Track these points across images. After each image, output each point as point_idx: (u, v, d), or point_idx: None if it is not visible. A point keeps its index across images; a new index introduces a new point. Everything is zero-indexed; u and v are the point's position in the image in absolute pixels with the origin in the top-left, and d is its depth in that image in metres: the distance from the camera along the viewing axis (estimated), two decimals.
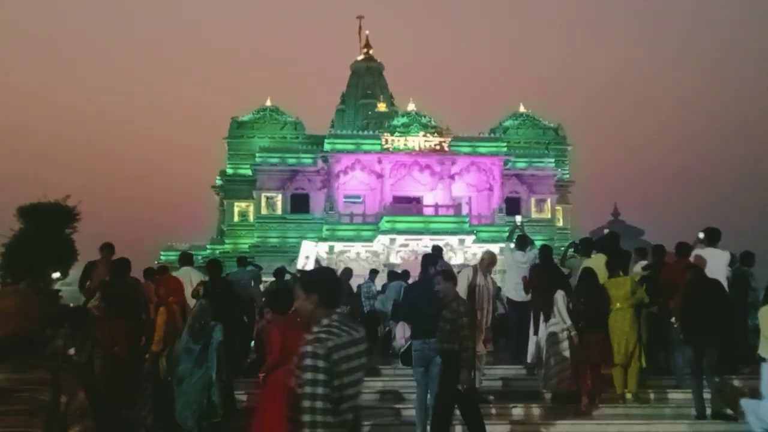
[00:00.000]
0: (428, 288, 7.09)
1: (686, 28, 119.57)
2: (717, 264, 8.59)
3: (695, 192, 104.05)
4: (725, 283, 8.53)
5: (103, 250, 9.04)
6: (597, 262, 8.80)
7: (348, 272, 13.18)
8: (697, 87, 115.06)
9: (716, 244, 8.88)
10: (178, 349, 6.46)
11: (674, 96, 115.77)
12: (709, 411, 7.46)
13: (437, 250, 9.59)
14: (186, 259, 9.97)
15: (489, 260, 8.23)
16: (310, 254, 9.59)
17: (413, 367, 7.09)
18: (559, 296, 8.04)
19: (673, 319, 8.27)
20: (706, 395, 7.49)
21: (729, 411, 7.83)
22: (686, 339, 7.83)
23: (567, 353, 7.87)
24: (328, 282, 3.25)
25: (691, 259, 8.55)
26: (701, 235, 8.98)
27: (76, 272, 20.47)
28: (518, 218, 12.13)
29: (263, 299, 10.27)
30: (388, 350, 11.09)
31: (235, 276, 11.36)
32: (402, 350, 9.73)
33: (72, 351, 6.16)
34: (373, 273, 14.00)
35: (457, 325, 6.36)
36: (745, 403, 2.79)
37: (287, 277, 12.41)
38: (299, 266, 8.90)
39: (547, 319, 8.13)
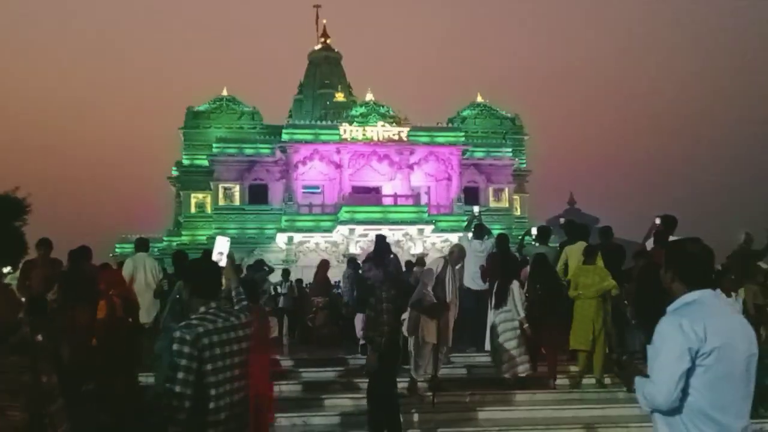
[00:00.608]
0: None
1: (641, 18, 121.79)
2: None
3: (649, 179, 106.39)
4: None
5: (39, 247, 8.55)
6: (579, 249, 8.96)
7: (325, 264, 13.20)
8: (652, 76, 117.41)
9: (673, 231, 9.06)
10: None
11: (629, 85, 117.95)
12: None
13: (381, 240, 9.56)
14: (142, 244, 9.84)
15: (458, 253, 8.35)
16: (223, 250, 9.83)
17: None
18: (515, 286, 8.15)
19: (626, 302, 8.47)
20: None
21: None
22: (638, 324, 8.02)
23: (517, 341, 7.97)
24: (202, 273, 3.47)
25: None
26: (657, 221, 9.12)
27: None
28: (476, 209, 12.29)
29: None
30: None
31: None
32: (362, 341, 9.79)
33: (40, 338, 6.16)
34: (351, 262, 13.77)
35: (377, 311, 6.46)
36: (637, 381, 2.92)
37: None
38: (216, 259, 9.03)
39: (497, 307, 8.20)
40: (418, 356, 7.75)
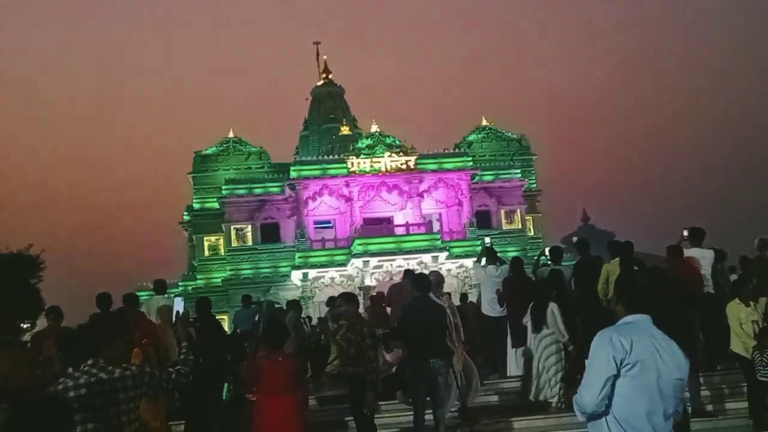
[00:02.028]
0: (432, 309, 7.15)
1: (644, 33, 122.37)
2: (702, 263, 8.74)
3: (662, 190, 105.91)
4: (710, 282, 8.70)
5: (49, 316, 8.24)
6: (614, 266, 8.88)
7: (380, 297, 12.25)
8: (658, 86, 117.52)
9: (700, 243, 9.01)
10: None
11: (635, 96, 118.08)
12: (689, 410, 7.51)
13: (410, 273, 9.48)
14: (160, 287, 9.93)
15: (436, 280, 8.15)
16: (179, 308, 10.15)
17: (414, 389, 7.04)
18: (555, 308, 8.05)
19: None
20: (686, 394, 7.56)
21: (709, 408, 7.90)
22: None
23: (561, 365, 7.89)
24: (82, 333, 3.92)
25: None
26: (685, 233, 9.08)
27: (43, 321, 19.94)
28: (487, 239, 12.38)
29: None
30: None
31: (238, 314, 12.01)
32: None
33: (71, 370, 6.25)
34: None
35: (361, 348, 6.43)
36: (575, 397, 3.21)
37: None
38: (174, 320, 9.36)
39: (537, 330, 8.04)
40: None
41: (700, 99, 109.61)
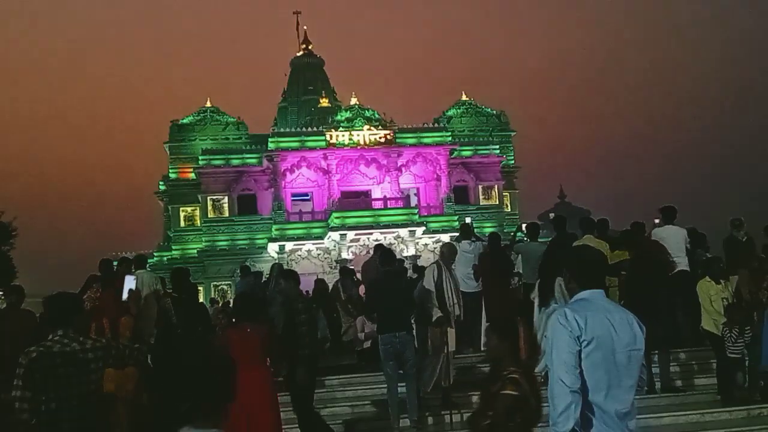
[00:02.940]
0: (395, 282, 7.25)
1: (625, 8, 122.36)
2: (676, 241, 8.81)
3: (640, 169, 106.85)
4: (686, 260, 8.79)
5: (10, 296, 7.61)
6: (588, 242, 8.91)
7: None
8: (639, 66, 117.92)
9: (672, 221, 9.11)
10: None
11: (615, 76, 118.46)
12: (658, 385, 7.64)
13: (380, 248, 9.48)
14: (141, 261, 9.95)
15: (448, 252, 8.16)
16: (131, 286, 9.79)
17: (383, 361, 7.08)
18: (561, 281, 8.03)
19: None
20: (655, 369, 7.67)
21: (678, 384, 8.03)
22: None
23: None
24: (50, 304, 3.99)
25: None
26: (657, 221, 9.22)
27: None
28: (468, 219, 12.42)
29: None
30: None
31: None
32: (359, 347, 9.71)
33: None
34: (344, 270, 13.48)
35: (294, 324, 6.53)
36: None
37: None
38: (124, 297, 9.11)
39: (544, 304, 8.01)
40: (424, 369, 7.57)
41: (680, 77, 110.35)
